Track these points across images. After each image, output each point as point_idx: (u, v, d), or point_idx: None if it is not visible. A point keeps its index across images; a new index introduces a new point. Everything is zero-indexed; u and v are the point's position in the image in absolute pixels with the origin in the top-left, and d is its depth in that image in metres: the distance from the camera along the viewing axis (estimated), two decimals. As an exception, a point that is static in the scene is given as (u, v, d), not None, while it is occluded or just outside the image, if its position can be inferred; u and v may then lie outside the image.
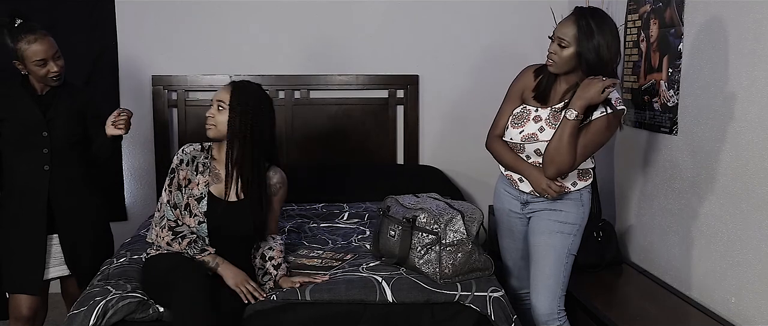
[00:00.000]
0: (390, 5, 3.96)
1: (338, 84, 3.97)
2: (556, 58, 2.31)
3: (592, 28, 2.25)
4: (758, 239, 2.33)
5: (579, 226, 2.46)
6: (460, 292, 2.32)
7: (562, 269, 2.45)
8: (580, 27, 2.25)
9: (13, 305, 2.69)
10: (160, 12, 3.83)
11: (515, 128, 2.44)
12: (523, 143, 2.42)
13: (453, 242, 2.37)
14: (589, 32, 2.24)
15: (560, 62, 2.31)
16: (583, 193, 2.46)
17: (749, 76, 2.37)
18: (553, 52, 2.31)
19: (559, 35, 2.29)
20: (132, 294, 2.27)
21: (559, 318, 2.46)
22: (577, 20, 2.27)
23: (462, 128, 4.08)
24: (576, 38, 2.26)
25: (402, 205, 2.52)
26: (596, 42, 2.24)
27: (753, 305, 2.36)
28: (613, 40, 2.28)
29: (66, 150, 2.68)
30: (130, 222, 3.85)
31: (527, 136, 2.41)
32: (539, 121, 2.41)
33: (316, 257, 2.68)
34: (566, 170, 2.34)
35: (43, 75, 2.59)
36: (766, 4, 2.29)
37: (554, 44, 2.31)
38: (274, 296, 2.32)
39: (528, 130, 2.41)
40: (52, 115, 2.64)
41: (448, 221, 2.38)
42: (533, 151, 2.41)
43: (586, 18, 2.27)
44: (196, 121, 3.92)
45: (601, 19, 2.28)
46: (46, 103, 2.66)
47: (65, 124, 2.67)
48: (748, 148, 2.37)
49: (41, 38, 2.56)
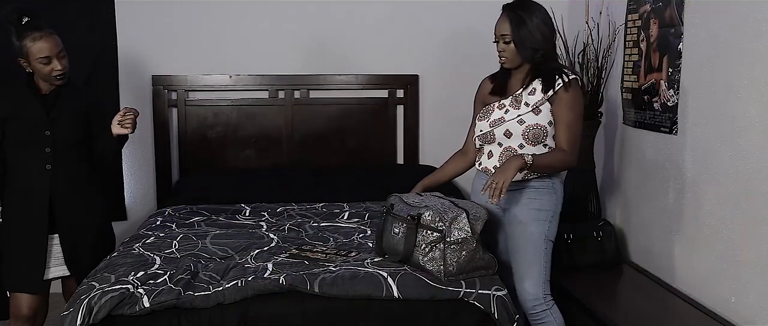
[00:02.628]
0: (390, 5, 3.96)
1: (338, 84, 3.97)
2: (506, 54, 2.53)
3: (522, 16, 2.48)
4: (758, 239, 2.33)
5: (553, 212, 2.56)
6: (464, 289, 2.33)
7: (542, 255, 2.54)
8: (512, 19, 2.49)
9: (14, 304, 2.69)
10: (160, 12, 3.83)
11: (483, 121, 2.62)
12: (492, 129, 2.57)
13: (457, 240, 2.37)
14: (520, 21, 2.48)
15: (511, 56, 2.53)
16: (555, 182, 2.57)
17: (749, 76, 2.37)
18: (501, 50, 2.54)
19: (500, 33, 2.52)
20: (113, 288, 2.27)
21: (546, 302, 2.53)
22: (508, 14, 2.51)
23: (462, 128, 4.04)
24: (512, 30, 2.49)
25: (406, 203, 2.52)
26: (531, 25, 2.47)
27: (753, 305, 2.36)
28: (545, 18, 2.51)
29: (69, 149, 2.68)
30: (130, 222, 3.85)
31: (494, 121, 2.57)
32: (503, 107, 2.58)
33: (319, 251, 2.69)
34: (575, 160, 2.52)
35: (48, 73, 2.60)
36: (766, 4, 2.29)
37: (500, 43, 2.53)
38: (282, 280, 2.32)
39: (494, 116, 2.58)
40: (55, 115, 2.65)
41: (452, 219, 2.38)
42: (503, 134, 2.55)
43: (514, 10, 2.51)
44: (196, 121, 3.92)
45: (525, 6, 2.52)
46: (50, 102, 2.67)
47: (68, 123, 2.68)
48: (748, 148, 2.37)
49: (46, 36, 2.58)
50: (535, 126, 2.50)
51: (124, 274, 2.39)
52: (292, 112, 3.96)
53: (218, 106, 3.92)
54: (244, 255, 2.65)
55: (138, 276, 2.38)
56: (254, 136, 3.96)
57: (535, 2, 2.55)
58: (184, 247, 2.76)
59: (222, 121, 3.94)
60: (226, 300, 2.27)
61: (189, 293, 2.28)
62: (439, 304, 2.32)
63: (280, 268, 2.46)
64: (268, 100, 3.95)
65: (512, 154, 2.50)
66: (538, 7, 2.54)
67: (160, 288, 2.30)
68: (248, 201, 3.54)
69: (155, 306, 2.23)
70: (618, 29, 3.32)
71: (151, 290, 2.29)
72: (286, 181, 3.75)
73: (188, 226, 3.11)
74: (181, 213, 3.34)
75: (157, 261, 2.56)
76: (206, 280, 2.38)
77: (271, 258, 2.59)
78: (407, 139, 4.05)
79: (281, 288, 2.30)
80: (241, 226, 3.12)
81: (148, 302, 2.23)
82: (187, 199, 3.55)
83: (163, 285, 2.32)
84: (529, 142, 2.50)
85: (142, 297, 2.25)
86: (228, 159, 3.97)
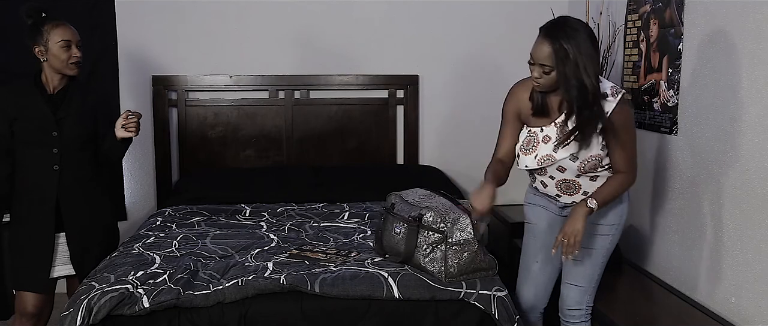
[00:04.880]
0: (390, 5, 3.96)
1: (338, 84, 3.97)
2: (542, 81, 2.23)
3: (566, 49, 2.14)
4: (758, 239, 2.33)
5: (618, 225, 2.46)
6: (465, 290, 2.33)
7: (598, 269, 2.48)
8: (555, 51, 2.15)
9: (19, 301, 2.72)
10: (160, 12, 3.84)
11: (528, 155, 2.38)
12: (541, 166, 2.37)
13: (459, 241, 2.37)
14: (565, 55, 2.15)
15: (547, 83, 2.23)
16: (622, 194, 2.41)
17: (749, 76, 2.37)
18: (538, 76, 2.23)
19: (539, 61, 2.20)
20: (113, 288, 2.27)
21: (586, 313, 2.51)
22: (550, 43, 2.17)
23: (462, 128, 4.09)
24: (555, 63, 2.17)
25: (406, 202, 2.52)
26: (579, 61, 2.14)
27: (753, 305, 2.37)
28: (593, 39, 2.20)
29: (76, 150, 2.69)
30: (130, 222, 3.85)
31: (543, 158, 2.35)
32: (549, 141, 2.34)
33: (319, 251, 2.69)
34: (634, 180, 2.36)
35: (65, 59, 2.62)
36: (766, 4, 2.29)
37: (537, 69, 2.21)
38: (282, 280, 2.32)
39: (541, 152, 2.35)
40: (62, 115, 2.66)
41: (454, 220, 2.38)
42: (556, 169, 2.37)
43: (557, 39, 2.15)
44: (196, 121, 3.92)
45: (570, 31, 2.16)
46: (57, 102, 2.67)
47: (75, 123, 2.68)
48: (748, 148, 2.37)
49: (67, 25, 2.66)
50: (588, 159, 2.30)
51: (124, 274, 2.39)
52: (292, 112, 3.96)
53: (218, 106, 3.92)
54: (244, 254, 2.66)
55: (138, 275, 2.38)
56: (254, 136, 3.97)
57: (580, 21, 2.21)
58: (184, 247, 2.76)
59: (222, 121, 3.94)
60: (226, 300, 2.27)
61: (189, 292, 2.28)
62: (440, 304, 2.32)
63: (281, 268, 2.46)
64: (268, 100, 3.95)
65: (569, 183, 2.38)
66: (583, 27, 2.18)
67: (159, 288, 2.30)
68: (248, 202, 3.54)
69: (155, 306, 2.23)
70: (618, 29, 3.32)
71: (150, 290, 2.29)
72: (286, 181, 3.75)
73: (188, 226, 3.11)
74: (181, 213, 3.34)
75: (157, 261, 2.56)
76: (206, 279, 2.38)
77: (271, 258, 2.59)
78: (407, 139, 4.05)
79: (282, 288, 2.31)
80: (241, 226, 3.12)
81: (147, 302, 2.23)
82: (187, 199, 3.55)
83: (163, 285, 2.32)
84: (585, 171, 2.33)
85: (141, 297, 2.25)
86: (228, 159, 3.97)
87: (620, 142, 2.28)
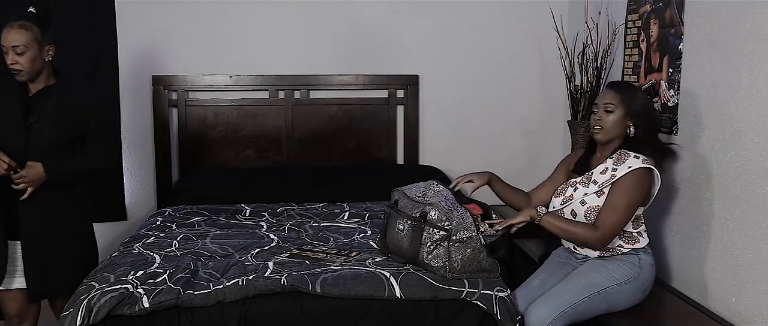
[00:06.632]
0: (390, 5, 3.96)
1: (338, 84, 3.97)
2: (603, 124, 2.48)
3: (633, 91, 2.52)
4: (758, 239, 2.33)
5: (625, 281, 2.44)
6: (466, 289, 2.33)
7: (579, 296, 2.38)
8: (622, 90, 2.49)
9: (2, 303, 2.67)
10: (160, 12, 3.84)
11: (558, 197, 2.59)
12: (562, 207, 2.55)
13: (462, 238, 2.38)
14: (632, 95, 2.49)
15: (608, 126, 2.48)
16: (641, 254, 2.49)
17: (749, 76, 2.37)
18: (600, 118, 2.48)
19: (605, 102, 2.47)
20: (113, 288, 2.26)
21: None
22: (615, 87, 2.53)
23: (462, 128, 4.09)
24: (622, 101, 2.46)
25: (409, 198, 2.53)
26: (640, 101, 2.48)
27: (753, 305, 2.37)
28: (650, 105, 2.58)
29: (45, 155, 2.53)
30: (130, 222, 3.85)
31: (564, 199, 2.55)
32: (574, 185, 2.55)
33: (320, 251, 2.69)
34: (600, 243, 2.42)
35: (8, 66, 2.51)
36: (766, 4, 2.29)
37: (600, 111, 2.48)
38: (283, 280, 2.32)
39: (565, 194, 2.56)
40: (34, 119, 2.54)
41: (459, 218, 2.39)
42: (570, 214, 2.52)
43: (624, 85, 2.61)
44: (196, 121, 3.92)
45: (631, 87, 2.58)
46: (32, 104, 2.56)
47: (48, 127, 2.54)
48: (748, 148, 2.37)
49: (13, 28, 2.49)
50: (595, 208, 2.44)
51: (124, 274, 2.39)
52: (292, 112, 3.96)
53: (218, 106, 3.92)
54: (244, 253, 2.66)
55: (137, 275, 2.38)
56: (254, 136, 3.97)
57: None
58: (184, 247, 2.76)
59: (222, 121, 3.94)
60: (226, 299, 2.27)
61: (189, 292, 2.28)
62: (441, 304, 2.32)
63: (281, 267, 2.46)
64: (268, 100, 3.95)
65: None
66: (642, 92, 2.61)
67: (159, 287, 2.30)
68: (248, 202, 3.54)
69: (155, 306, 2.23)
70: (618, 29, 3.32)
71: (150, 290, 2.28)
72: (286, 181, 3.75)
73: (188, 226, 3.11)
74: (181, 213, 3.34)
75: (157, 261, 2.56)
76: (206, 278, 2.38)
77: (271, 258, 2.59)
78: (407, 139, 4.06)
79: (283, 288, 2.30)
80: (242, 226, 3.12)
81: (147, 302, 2.23)
82: (187, 199, 3.55)
83: (163, 285, 2.32)
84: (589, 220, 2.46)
85: (141, 297, 2.25)
86: (228, 159, 3.97)
87: (614, 202, 2.39)
